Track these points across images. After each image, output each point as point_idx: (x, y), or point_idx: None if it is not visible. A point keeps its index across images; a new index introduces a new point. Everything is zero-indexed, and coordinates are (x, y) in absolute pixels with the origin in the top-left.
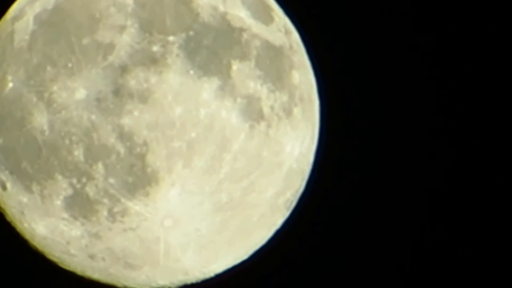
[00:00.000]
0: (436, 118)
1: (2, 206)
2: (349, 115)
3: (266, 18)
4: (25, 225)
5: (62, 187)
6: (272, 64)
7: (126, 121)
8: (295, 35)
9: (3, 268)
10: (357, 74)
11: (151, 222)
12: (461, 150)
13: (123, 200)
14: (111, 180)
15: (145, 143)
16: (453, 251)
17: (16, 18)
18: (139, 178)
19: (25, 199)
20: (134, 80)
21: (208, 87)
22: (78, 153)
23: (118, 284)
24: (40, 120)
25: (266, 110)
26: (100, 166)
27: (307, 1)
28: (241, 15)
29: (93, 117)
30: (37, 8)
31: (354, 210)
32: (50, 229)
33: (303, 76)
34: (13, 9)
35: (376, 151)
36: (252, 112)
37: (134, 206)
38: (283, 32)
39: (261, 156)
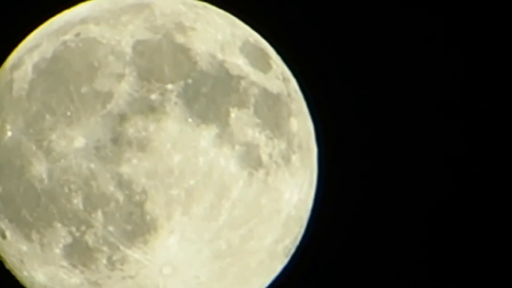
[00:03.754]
0: (434, 162)
1: (2, 254)
2: (347, 162)
3: (264, 65)
4: (25, 273)
5: (61, 235)
6: (270, 111)
7: (124, 169)
8: (293, 83)
9: None
10: (355, 121)
11: (150, 270)
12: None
13: (122, 248)
14: (110, 228)
15: (144, 191)
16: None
17: (14, 67)
18: (138, 226)
19: (24, 248)
20: (132, 128)
21: (207, 135)
22: (77, 201)
23: None
24: (39, 168)
25: (264, 158)
26: (99, 214)
27: (305, 49)
28: (239, 63)
29: (92, 165)
30: (35, 57)
31: (353, 256)
32: (49, 277)
33: (301, 123)
34: (11, 58)
35: (374, 198)
36: (251, 159)
37: (133, 253)
38: (281, 79)
39: (259, 203)
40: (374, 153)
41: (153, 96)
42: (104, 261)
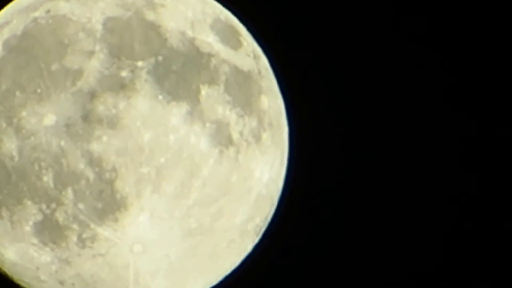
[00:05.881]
0: (408, 143)
1: None
2: (318, 140)
3: (234, 43)
4: None
5: (32, 212)
6: (240, 89)
7: (95, 146)
8: (264, 60)
9: None
10: (326, 98)
11: (121, 248)
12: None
13: (92, 225)
14: (81, 206)
15: (114, 169)
16: None
17: None
18: (108, 204)
19: None
20: (102, 106)
21: (177, 112)
22: (48, 178)
23: None
24: (9, 146)
25: (235, 136)
26: (69, 191)
27: (275, 25)
28: (209, 40)
29: (62, 142)
30: (5, 34)
31: (323, 235)
32: (19, 255)
33: (272, 101)
34: None
35: (345, 177)
36: (221, 137)
37: (103, 231)
38: (251, 57)
39: (230, 181)
40: (344, 131)
41: (124, 73)
42: (75, 239)
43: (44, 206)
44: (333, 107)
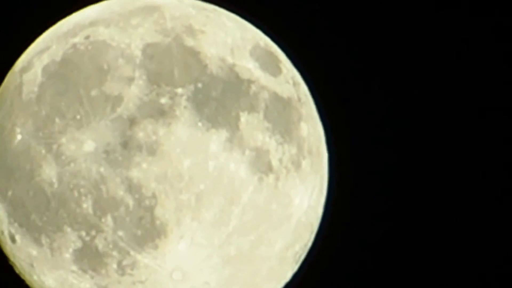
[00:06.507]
0: (443, 170)
1: (12, 259)
2: (358, 167)
3: (274, 69)
4: (35, 277)
5: (71, 239)
6: (280, 116)
7: (134, 173)
8: (303, 87)
9: None
10: (366, 125)
11: (160, 275)
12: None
13: (132, 252)
14: (120, 233)
15: (154, 196)
16: None
17: (24, 70)
18: (148, 231)
19: (34, 252)
20: (142, 132)
21: (217, 139)
22: (87, 205)
23: None
24: (49, 172)
25: (274, 163)
26: (109, 218)
27: (315, 52)
28: (249, 67)
29: (102, 169)
30: (45, 59)
31: (362, 263)
32: (59, 282)
33: (312, 128)
34: (21, 61)
35: (385, 204)
36: (261, 164)
37: (143, 259)
38: (291, 83)
39: (270, 209)
40: (385, 157)
41: (163, 100)
42: (114, 266)
43: (83, 233)
44: (373, 134)
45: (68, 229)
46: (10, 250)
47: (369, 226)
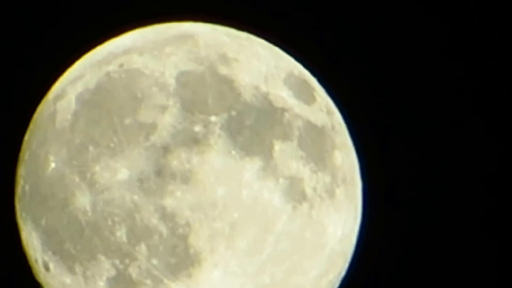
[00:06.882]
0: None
1: (45, 287)
2: (392, 197)
3: (308, 98)
4: None
5: (105, 268)
6: (314, 144)
7: (168, 201)
8: (337, 115)
9: None
10: (400, 154)
11: None
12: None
13: (166, 281)
14: (154, 261)
15: (188, 224)
16: None
17: (58, 98)
18: (181, 259)
19: (68, 280)
20: (176, 161)
21: (250, 168)
22: (121, 233)
23: None
24: (83, 200)
25: (308, 191)
26: (143, 247)
27: (349, 81)
28: (283, 95)
29: (136, 197)
30: (79, 87)
31: None
32: None
33: (346, 157)
34: (55, 89)
35: (420, 234)
36: (295, 193)
37: (177, 287)
38: (325, 112)
39: (304, 237)
40: (420, 187)
41: (197, 128)
42: None
43: (117, 261)
44: (408, 163)
45: (102, 257)
46: (44, 278)
47: (402, 256)
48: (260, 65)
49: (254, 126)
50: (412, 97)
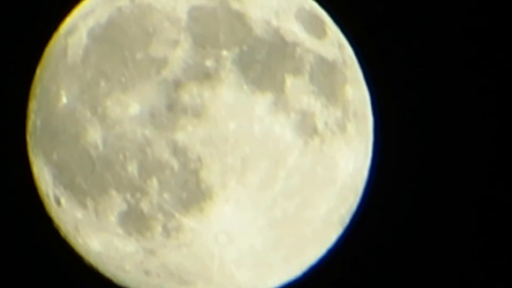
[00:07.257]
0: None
1: (57, 221)
2: (404, 131)
3: (319, 32)
4: (80, 241)
5: (116, 202)
6: (325, 79)
7: (179, 136)
8: (349, 50)
9: (58, 284)
10: (412, 89)
11: (205, 238)
12: None
13: (177, 215)
14: (165, 196)
15: (199, 159)
16: None
17: (69, 33)
18: (193, 194)
19: (79, 215)
20: (187, 95)
21: (262, 102)
22: (132, 168)
23: None
24: (94, 135)
25: (320, 126)
26: (154, 181)
27: (360, 15)
28: (294, 30)
29: (147, 132)
30: (90, 22)
31: (408, 227)
32: (104, 245)
33: (357, 91)
34: (66, 24)
35: (431, 168)
36: (306, 127)
37: (189, 222)
38: (336, 46)
39: (315, 172)
40: (431, 120)
41: (208, 63)
42: (159, 229)
43: (128, 196)
44: (419, 96)
45: (113, 192)
46: (55, 213)
47: (413, 190)
48: (272, 0)
49: (265, 61)
50: (427, 31)
